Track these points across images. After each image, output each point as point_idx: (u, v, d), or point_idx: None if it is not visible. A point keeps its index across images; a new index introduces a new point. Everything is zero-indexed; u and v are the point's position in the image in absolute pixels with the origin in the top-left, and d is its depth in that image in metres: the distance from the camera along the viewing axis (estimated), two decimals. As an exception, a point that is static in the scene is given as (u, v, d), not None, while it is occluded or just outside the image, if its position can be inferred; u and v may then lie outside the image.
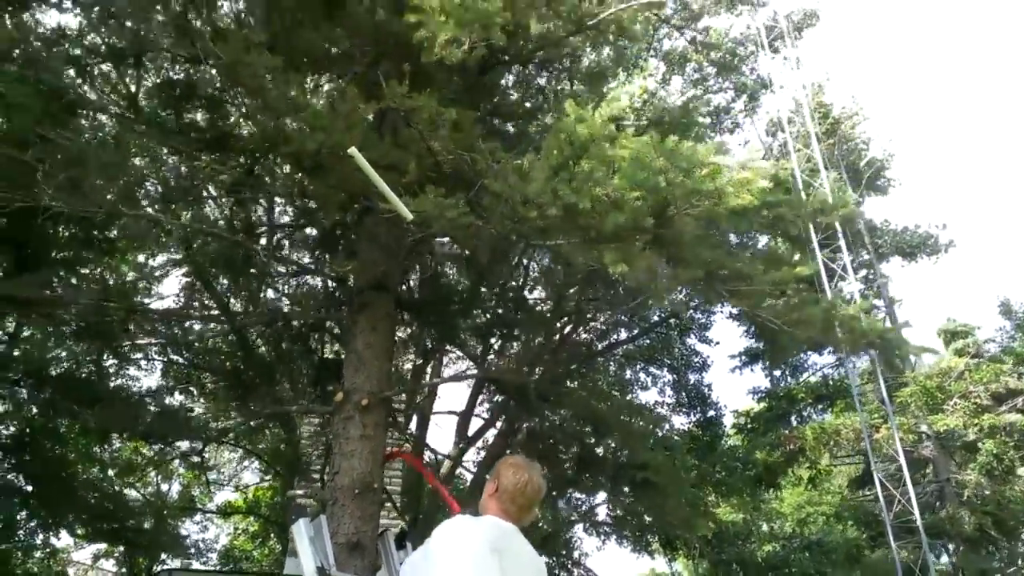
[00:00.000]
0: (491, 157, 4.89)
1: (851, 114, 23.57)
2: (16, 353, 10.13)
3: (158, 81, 8.01)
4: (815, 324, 5.57)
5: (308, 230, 8.68)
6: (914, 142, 76.72)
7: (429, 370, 13.09)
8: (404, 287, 7.72)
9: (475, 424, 13.15)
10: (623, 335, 17.17)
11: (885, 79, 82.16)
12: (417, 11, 5.00)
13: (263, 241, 8.09)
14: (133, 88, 8.12)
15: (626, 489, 11.50)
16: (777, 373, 21.51)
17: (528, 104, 8.46)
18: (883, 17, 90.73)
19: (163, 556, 17.13)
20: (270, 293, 9.84)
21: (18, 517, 12.51)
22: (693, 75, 20.99)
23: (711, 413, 20.61)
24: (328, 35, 5.97)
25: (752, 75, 22.38)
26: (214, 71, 5.05)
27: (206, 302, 10.34)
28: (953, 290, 64.50)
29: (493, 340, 10.89)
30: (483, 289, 9.84)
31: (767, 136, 23.87)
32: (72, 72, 7.47)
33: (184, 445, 11.83)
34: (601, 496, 15.49)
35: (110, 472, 15.62)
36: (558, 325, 12.79)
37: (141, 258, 11.12)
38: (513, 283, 11.16)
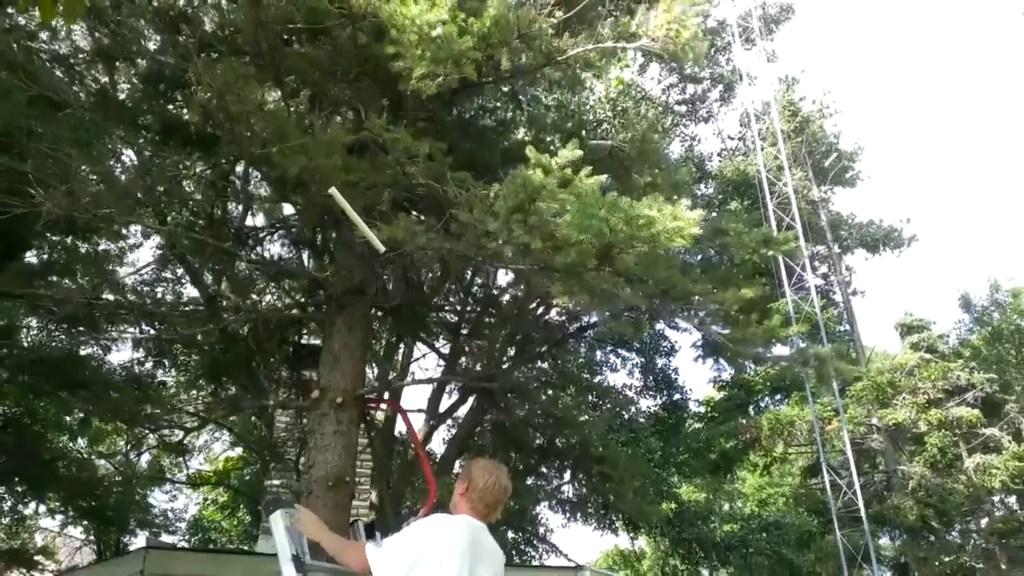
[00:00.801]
0: (461, 185, 5.28)
1: (821, 107, 24.02)
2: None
3: (142, 73, 8.22)
4: (756, 342, 6.06)
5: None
6: (886, 135, 77.91)
7: (400, 353, 13.43)
8: (378, 289, 8.07)
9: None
10: (594, 317, 17.59)
11: (859, 71, 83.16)
12: (396, 43, 5.36)
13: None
14: (115, 81, 8.34)
15: (584, 479, 12.00)
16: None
17: (502, 114, 8.82)
18: (859, 11, 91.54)
19: (132, 526, 17.41)
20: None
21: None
22: (670, 62, 21.39)
23: (677, 396, 21.28)
24: (311, 54, 6.28)
25: (728, 65, 22.82)
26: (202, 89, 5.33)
27: (179, 273, 10.48)
28: (915, 283, 65.92)
29: (462, 336, 11.24)
30: (453, 282, 10.19)
31: (740, 127, 24.37)
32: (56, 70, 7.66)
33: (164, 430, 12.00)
34: (567, 475, 16.02)
35: (80, 441, 15.77)
36: (531, 307, 13.14)
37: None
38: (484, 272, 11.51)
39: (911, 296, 63.87)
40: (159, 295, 10.19)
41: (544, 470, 14.56)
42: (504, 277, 13.27)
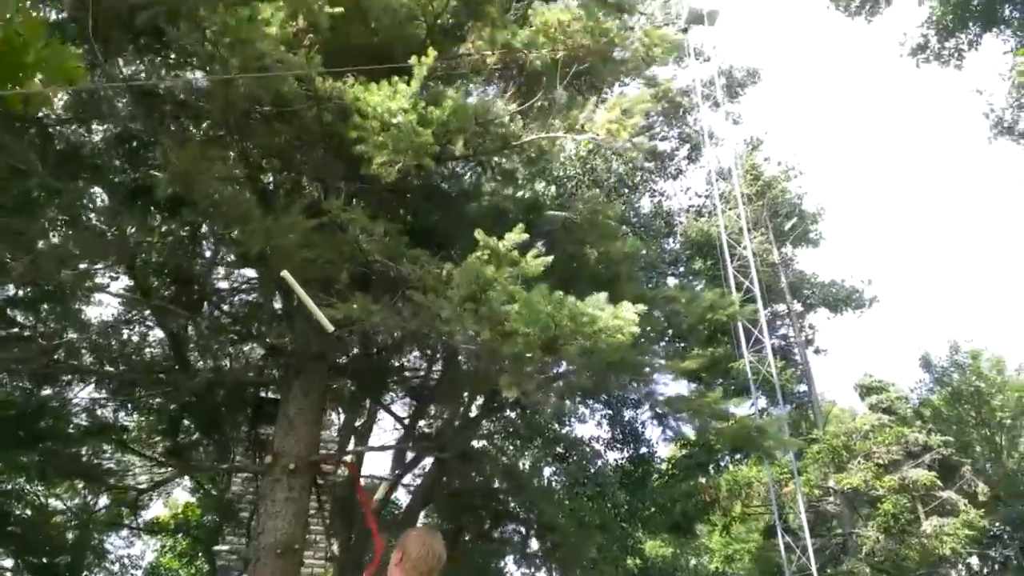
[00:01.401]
0: (415, 262, 5.49)
1: (786, 169, 24.69)
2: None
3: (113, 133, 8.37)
4: (702, 415, 6.29)
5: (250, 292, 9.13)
6: (849, 195, 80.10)
7: (364, 409, 13.44)
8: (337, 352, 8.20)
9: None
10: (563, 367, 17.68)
11: (823, 131, 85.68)
12: (358, 128, 5.61)
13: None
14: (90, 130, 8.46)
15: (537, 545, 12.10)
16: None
17: (468, 179, 9.07)
18: (823, 75, 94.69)
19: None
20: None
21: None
22: (640, 121, 21.92)
23: (643, 450, 21.35)
24: (278, 129, 6.50)
25: (696, 125, 23.50)
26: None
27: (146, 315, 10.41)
28: (877, 343, 67.24)
29: (424, 397, 11.30)
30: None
31: (707, 184, 24.97)
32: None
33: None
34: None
35: (37, 485, 15.40)
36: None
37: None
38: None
39: (873, 355, 65.02)
40: (125, 336, 10.18)
41: (506, 527, 14.58)
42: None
